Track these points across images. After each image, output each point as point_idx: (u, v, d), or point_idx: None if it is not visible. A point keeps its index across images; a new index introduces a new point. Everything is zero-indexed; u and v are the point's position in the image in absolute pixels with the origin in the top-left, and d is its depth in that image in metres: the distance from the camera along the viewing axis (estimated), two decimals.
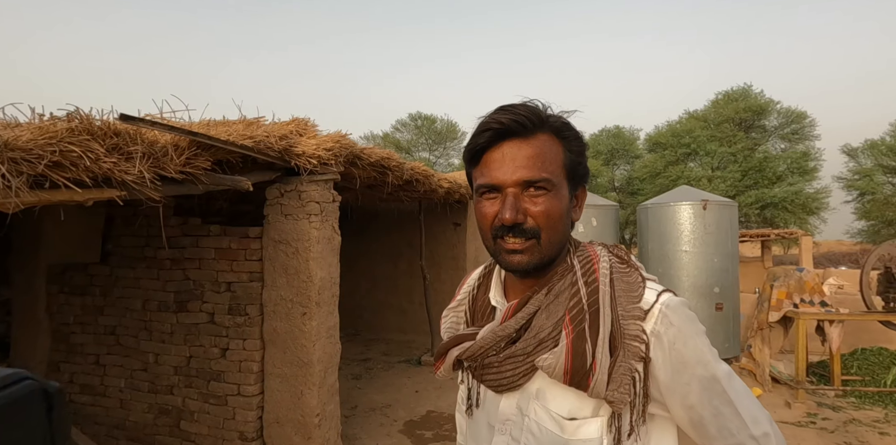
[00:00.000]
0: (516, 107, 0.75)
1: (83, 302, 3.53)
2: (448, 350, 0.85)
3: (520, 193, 0.74)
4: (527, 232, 0.73)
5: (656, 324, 0.72)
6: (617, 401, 0.70)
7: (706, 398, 0.71)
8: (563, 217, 0.76)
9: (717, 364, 0.73)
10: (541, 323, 0.75)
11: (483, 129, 0.75)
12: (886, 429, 3.81)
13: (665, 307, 0.73)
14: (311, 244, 2.93)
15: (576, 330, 0.72)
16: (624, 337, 0.71)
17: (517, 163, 0.73)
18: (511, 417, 0.79)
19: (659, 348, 0.71)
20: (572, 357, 0.71)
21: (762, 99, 20.67)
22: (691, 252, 5.43)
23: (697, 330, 0.73)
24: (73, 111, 1.77)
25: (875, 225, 20.31)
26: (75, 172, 1.75)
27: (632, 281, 0.76)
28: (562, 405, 0.75)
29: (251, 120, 2.79)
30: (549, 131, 0.76)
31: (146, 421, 3.30)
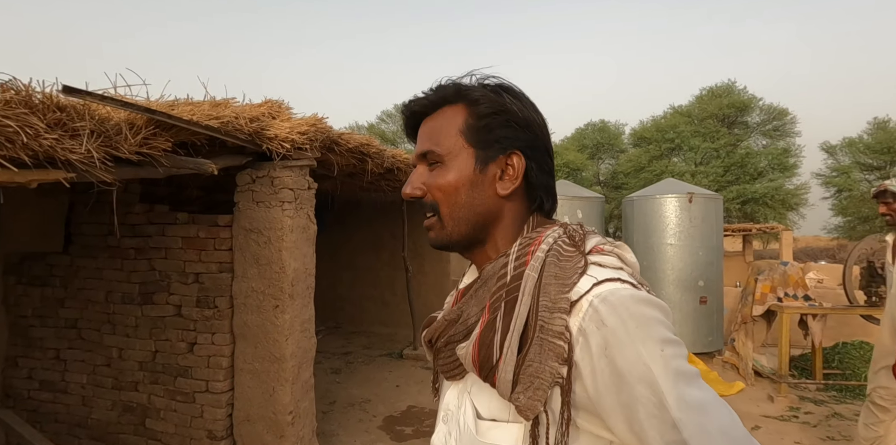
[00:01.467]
0: (418, 96, 0.74)
1: (42, 294, 3.33)
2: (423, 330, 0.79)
3: (425, 169, 0.72)
4: (427, 206, 0.71)
5: (583, 321, 0.57)
6: (523, 407, 0.57)
7: (654, 428, 0.53)
8: (463, 188, 0.68)
9: (671, 386, 0.53)
10: (469, 309, 0.68)
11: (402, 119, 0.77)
12: None
13: (599, 300, 0.57)
14: (285, 233, 2.77)
15: (490, 318, 0.62)
16: (541, 331, 0.58)
17: (420, 140, 0.73)
18: (451, 407, 0.72)
19: (584, 350, 0.57)
20: (479, 348, 0.62)
21: (745, 95, 20.87)
22: (676, 245, 5.39)
23: (646, 336, 0.55)
24: (8, 81, 1.59)
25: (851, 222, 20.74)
26: (12, 149, 1.57)
27: (569, 267, 0.61)
28: (483, 402, 0.66)
29: (219, 101, 2.61)
30: (462, 101, 0.70)
31: (109, 419, 3.13)
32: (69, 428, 3.23)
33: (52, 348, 3.28)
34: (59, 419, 3.25)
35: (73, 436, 3.21)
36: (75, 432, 3.21)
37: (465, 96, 0.70)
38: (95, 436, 3.16)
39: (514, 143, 0.69)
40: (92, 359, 3.18)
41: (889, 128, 20.25)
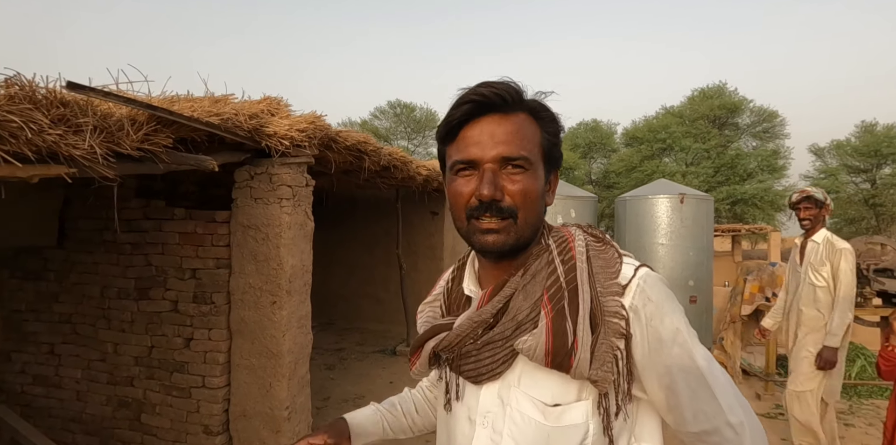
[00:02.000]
0: (496, 83, 0.72)
1: (37, 288, 3.31)
2: (424, 342, 0.80)
3: (498, 170, 0.71)
4: (504, 211, 0.70)
5: (634, 299, 0.70)
6: (601, 380, 0.67)
7: (683, 380, 0.69)
8: (539, 198, 0.74)
9: (696, 345, 0.71)
10: (518, 304, 0.72)
11: (462, 102, 0.71)
12: (851, 420, 3.90)
13: (643, 281, 0.71)
14: (283, 230, 2.79)
15: (555, 309, 0.69)
16: (604, 313, 0.69)
17: (496, 139, 0.70)
18: (492, 408, 0.74)
19: (637, 324, 0.69)
20: (553, 336, 0.68)
21: (736, 97, 21.09)
22: (667, 245, 5.46)
23: (675, 308, 0.71)
24: (12, 76, 1.59)
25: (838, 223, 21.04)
26: (15, 145, 1.57)
27: (608, 258, 0.74)
28: (544, 391, 0.71)
29: (219, 97, 2.61)
30: (527, 111, 0.74)
31: (104, 414, 3.13)
32: (63, 423, 3.22)
33: (46, 342, 3.27)
34: (53, 413, 3.25)
35: (67, 431, 3.21)
36: (69, 427, 3.21)
37: (538, 112, 0.74)
38: (90, 431, 3.16)
39: (559, 163, 0.80)
40: (87, 354, 3.18)
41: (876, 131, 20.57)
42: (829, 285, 2.95)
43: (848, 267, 2.91)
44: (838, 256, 2.92)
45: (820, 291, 2.96)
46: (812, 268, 2.99)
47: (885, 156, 19.82)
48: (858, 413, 4.06)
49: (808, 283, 3.01)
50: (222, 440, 2.90)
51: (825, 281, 2.95)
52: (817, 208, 3.00)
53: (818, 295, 2.97)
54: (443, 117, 0.75)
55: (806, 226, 3.07)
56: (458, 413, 0.80)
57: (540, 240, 0.77)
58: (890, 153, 19.63)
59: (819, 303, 2.97)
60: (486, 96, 0.70)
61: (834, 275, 2.94)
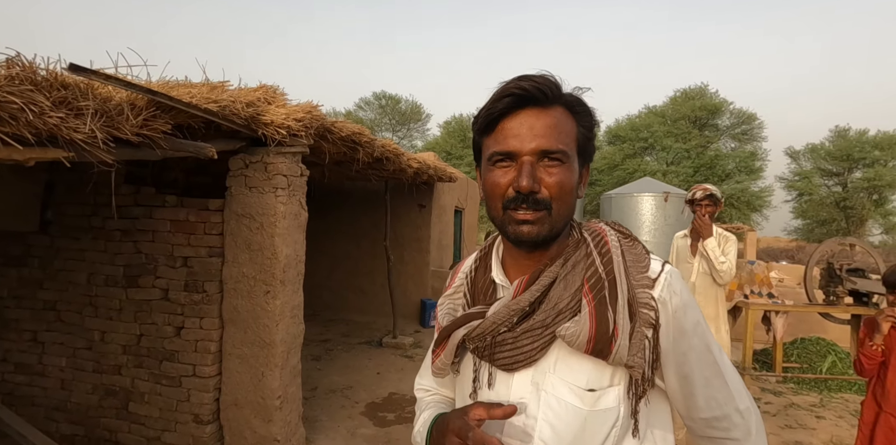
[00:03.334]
0: (537, 77, 0.73)
1: (19, 274, 3.23)
2: (452, 331, 0.81)
3: (535, 162, 0.72)
4: (540, 202, 0.72)
5: (662, 292, 0.74)
6: (637, 366, 0.71)
7: (699, 368, 0.75)
8: (573, 190, 0.75)
9: (711, 337, 0.77)
10: (559, 293, 0.75)
11: (503, 95, 0.72)
12: (822, 413, 4.07)
13: (670, 276, 0.76)
14: (277, 219, 2.78)
15: (597, 298, 0.73)
16: (637, 304, 0.73)
17: (535, 132, 0.72)
18: (526, 395, 0.76)
19: (664, 314, 0.74)
20: (597, 323, 0.71)
21: (717, 98, 21.46)
22: (651, 242, 5.58)
23: (694, 302, 0.78)
24: (13, 57, 1.55)
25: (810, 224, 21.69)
26: (15, 126, 1.54)
27: (638, 253, 0.79)
28: (579, 376, 0.74)
29: (215, 83, 2.58)
30: (565, 105, 0.75)
31: (90, 403, 3.09)
32: (47, 412, 3.17)
33: (29, 330, 3.21)
34: (37, 402, 3.19)
35: (50, 420, 3.16)
36: (53, 416, 3.16)
37: (575, 106, 0.76)
38: (75, 420, 3.11)
39: (592, 157, 0.82)
40: (72, 342, 3.13)
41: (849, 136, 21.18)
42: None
43: (733, 250, 3.14)
44: (726, 242, 3.13)
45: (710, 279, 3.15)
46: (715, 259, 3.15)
47: (856, 160, 20.44)
48: (829, 407, 4.24)
49: (702, 273, 3.17)
50: (212, 429, 2.89)
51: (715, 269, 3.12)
52: (715, 206, 3.17)
53: (712, 285, 3.16)
54: (481, 108, 0.76)
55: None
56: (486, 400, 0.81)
57: (571, 232, 0.81)
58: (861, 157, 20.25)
59: (710, 293, 3.16)
60: (526, 90, 0.71)
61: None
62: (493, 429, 0.78)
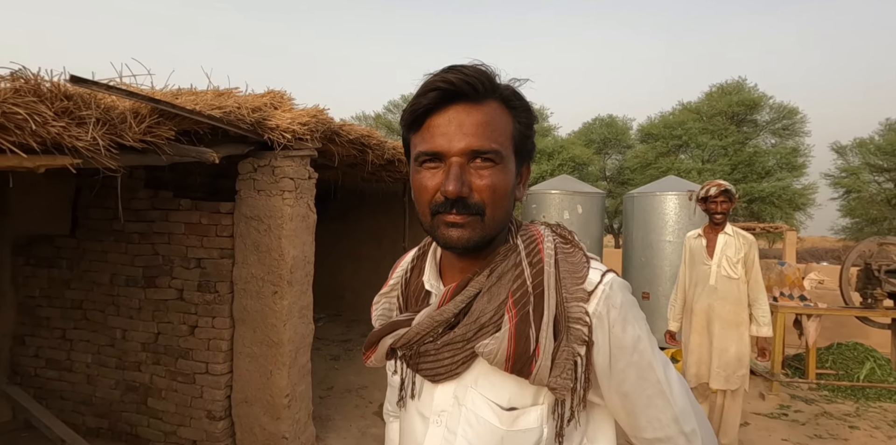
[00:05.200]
0: (467, 68, 0.66)
1: (49, 275, 3.42)
2: (381, 338, 0.77)
3: (465, 164, 0.66)
4: (471, 207, 0.66)
5: (598, 306, 0.69)
6: (560, 388, 0.66)
7: (640, 386, 0.69)
8: (509, 193, 0.70)
9: (655, 352, 0.71)
10: (482, 306, 0.70)
11: (429, 89, 0.65)
12: (857, 423, 3.85)
13: (608, 288, 0.70)
14: (284, 221, 2.84)
15: (519, 314, 0.67)
16: (568, 320, 0.68)
17: (465, 130, 0.65)
18: (447, 408, 0.73)
19: (600, 330, 0.68)
20: (515, 342, 0.66)
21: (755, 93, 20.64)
22: (675, 242, 5.42)
23: (637, 315, 0.71)
24: (18, 70, 1.65)
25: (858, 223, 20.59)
26: (21, 136, 1.63)
27: (576, 262, 0.72)
28: (501, 393, 0.70)
29: (222, 90, 2.66)
30: (500, 99, 0.69)
31: (113, 398, 3.24)
32: (74, 405, 3.33)
33: (59, 327, 3.38)
34: (65, 396, 3.36)
35: (77, 413, 3.32)
36: (80, 409, 3.32)
37: (511, 100, 0.70)
38: (99, 414, 3.26)
39: (532, 155, 0.76)
40: (96, 339, 3.28)
41: None
42: (742, 278, 3.01)
43: (757, 257, 3.02)
44: (751, 247, 3.01)
45: (735, 284, 3.00)
46: (729, 262, 3.01)
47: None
48: (864, 416, 4.01)
49: (723, 276, 3.02)
50: (224, 425, 2.98)
51: (740, 273, 3.01)
52: (730, 202, 3.03)
53: (734, 289, 3.01)
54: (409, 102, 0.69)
55: (719, 220, 3.08)
56: (411, 409, 0.80)
57: (507, 238, 0.74)
58: None
59: (733, 296, 3.01)
60: (453, 84, 0.64)
61: (747, 267, 3.02)
62: (416, 442, 0.76)
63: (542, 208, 5.77)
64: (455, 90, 0.65)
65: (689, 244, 3.22)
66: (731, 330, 3.00)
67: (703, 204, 3.09)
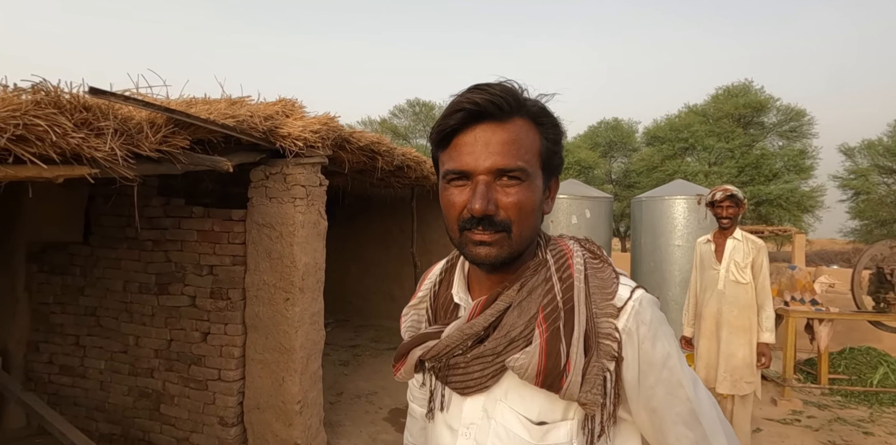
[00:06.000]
0: (492, 87, 0.67)
1: (63, 282, 3.46)
2: (410, 350, 0.78)
3: (492, 182, 0.67)
4: (497, 224, 0.67)
5: (628, 322, 0.69)
6: (590, 403, 0.66)
7: (669, 403, 0.69)
8: (536, 210, 0.71)
9: (684, 369, 0.71)
10: (512, 320, 0.70)
11: (455, 110, 0.67)
12: (871, 429, 3.81)
13: (638, 304, 0.70)
14: (296, 228, 2.86)
15: (550, 329, 0.67)
16: (598, 335, 0.68)
17: (490, 149, 0.66)
18: (476, 420, 0.74)
19: (629, 346, 0.68)
20: (546, 357, 0.66)
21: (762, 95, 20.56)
22: (684, 246, 5.39)
23: (667, 332, 0.71)
24: (39, 83, 1.68)
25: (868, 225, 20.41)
26: (41, 147, 1.66)
27: (605, 278, 0.72)
28: (531, 407, 0.70)
29: (235, 99, 2.69)
30: (526, 116, 0.70)
31: (126, 404, 3.26)
32: (87, 412, 3.36)
33: (72, 334, 3.42)
34: (78, 402, 3.39)
35: (90, 419, 3.35)
36: (93, 415, 3.34)
37: (539, 117, 0.71)
38: (112, 420, 3.29)
39: (560, 169, 0.77)
40: (110, 346, 3.31)
41: None
42: (750, 283, 3.01)
43: (766, 262, 3.01)
44: (759, 252, 3.01)
45: (743, 289, 3.00)
46: (737, 266, 3.01)
47: None
48: (879, 422, 3.97)
49: (731, 281, 3.02)
50: (237, 431, 2.99)
51: (749, 278, 3.00)
52: (737, 207, 3.03)
53: (742, 293, 3.00)
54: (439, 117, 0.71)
55: (726, 225, 3.08)
56: (439, 421, 0.80)
57: (536, 252, 0.75)
58: None
59: (741, 301, 3.00)
60: (479, 105, 0.66)
61: (755, 272, 3.01)
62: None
63: (551, 213, 5.76)
64: (480, 110, 0.66)
65: (699, 249, 3.22)
66: (739, 335, 2.99)
67: (712, 208, 3.09)
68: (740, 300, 3.00)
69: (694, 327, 3.27)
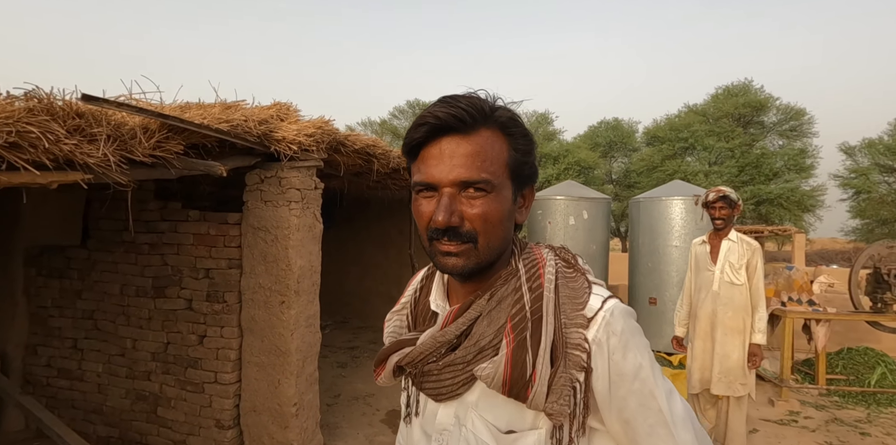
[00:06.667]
0: (458, 100, 0.68)
1: (61, 286, 3.47)
2: (388, 356, 0.79)
3: (457, 194, 0.68)
4: (462, 235, 0.68)
5: (598, 332, 0.69)
6: (556, 414, 0.66)
7: (641, 415, 0.68)
8: (504, 220, 0.71)
9: (657, 380, 0.70)
10: (482, 330, 0.71)
11: (419, 123, 0.68)
12: (868, 429, 3.82)
13: (609, 314, 0.69)
14: (291, 231, 2.87)
15: (517, 339, 0.68)
16: (566, 346, 0.68)
17: (455, 162, 0.67)
18: (448, 427, 0.75)
19: (599, 357, 0.68)
20: (511, 366, 0.67)
21: (762, 95, 20.55)
22: (681, 247, 5.39)
23: (639, 343, 0.70)
24: (32, 90, 1.69)
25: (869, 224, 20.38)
26: (34, 154, 1.68)
27: (577, 287, 0.72)
28: (500, 416, 0.71)
29: (230, 103, 2.71)
30: (495, 126, 0.70)
31: (123, 407, 3.27)
32: (85, 414, 3.37)
33: (70, 337, 3.43)
34: (76, 405, 3.40)
35: (88, 422, 3.36)
36: (91, 418, 3.36)
37: (508, 127, 0.71)
38: (110, 423, 3.30)
39: (534, 179, 0.77)
40: (107, 349, 3.32)
41: None
42: (745, 284, 3.02)
43: (761, 264, 3.03)
44: (754, 254, 3.02)
45: (738, 290, 3.01)
46: (732, 268, 3.02)
47: None
48: (876, 422, 3.97)
49: (725, 282, 3.03)
50: (233, 434, 3.01)
51: (743, 279, 3.01)
52: (730, 208, 3.04)
53: (737, 295, 3.01)
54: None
55: (719, 226, 3.09)
56: (415, 426, 0.82)
57: (510, 261, 0.75)
58: None
59: (736, 303, 3.01)
60: (440, 118, 0.67)
61: (749, 274, 3.03)
62: None
63: (548, 214, 5.77)
64: (442, 124, 0.67)
65: (695, 250, 3.23)
66: (734, 336, 3.00)
67: (706, 210, 3.11)
68: (735, 301, 3.02)
69: (687, 327, 3.28)
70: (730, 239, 3.06)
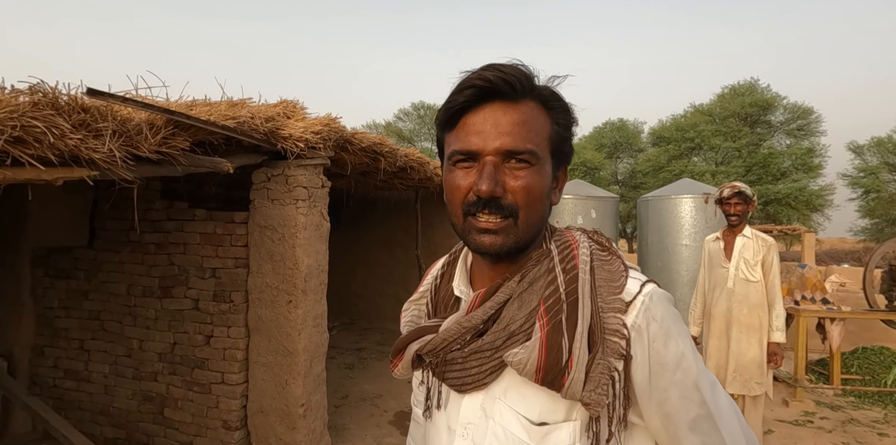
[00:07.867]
0: (505, 67, 0.64)
1: (68, 286, 3.46)
2: (407, 344, 0.74)
3: (500, 163, 0.64)
4: (504, 208, 0.64)
5: (637, 318, 0.64)
6: (594, 403, 0.61)
7: (684, 408, 0.63)
8: (545, 196, 0.67)
9: (702, 372, 0.65)
10: (512, 313, 0.66)
11: (465, 86, 0.64)
12: (885, 430, 3.74)
13: (648, 299, 0.65)
14: (298, 230, 2.84)
15: (551, 323, 0.63)
16: (604, 331, 0.63)
17: (500, 129, 0.63)
18: (474, 420, 0.70)
19: (639, 345, 0.63)
20: (546, 352, 0.62)
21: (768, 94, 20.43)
22: (691, 246, 5.34)
23: (681, 330, 0.65)
24: (36, 84, 1.67)
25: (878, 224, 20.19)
26: (39, 149, 1.65)
27: (613, 270, 0.67)
28: (531, 407, 0.66)
29: (236, 100, 2.68)
30: (537, 99, 0.67)
31: (130, 408, 3.25)
32: (92, 416, 3.35)
33: (77, 338, 3.41)
34: (83, 406, 3.38)
35: (95, 423, 3.34)
36: (97, 419, 3.34)
37: (550, 101, 0.68)
38: (116, 424, 3.27)
39: (570, 158, 0.73)
40: (114, 350, 3.30)
41: None
42: (760, 281, 2.96)
43: (777, 260, 2.97)
44: (769, 250, 2.96)
45: (753, 287, 2.95)
46: (747, 264, 2.96)
47: None
48: (894, 423, 3.89)
49: (741, 279, 2.97)
50: (240, 435, 2.97)
51: (759, 276, 2.96)
52: (745, 204, 2.98)
53: (752, 291, 2.96)
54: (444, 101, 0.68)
55: (734, 222, 3.03)
56: (437, 421, 0.76)
57: (541, 243, 0.71)
58: None
59: (751, 300, 2.95)
60: (490, 81, 0.63)
61: (765, 270, 2.97)
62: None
63: (556, 213, 5.73)
64: (492, 88, 0.63)
65: (708, 247, 3.18)
66: (749, 334, 2.94)
67: (720, 206, 3.05)
68: (750, 298, 2.96)
69: (701, 326, 3.22)
70: (744, 235, 3.00)
